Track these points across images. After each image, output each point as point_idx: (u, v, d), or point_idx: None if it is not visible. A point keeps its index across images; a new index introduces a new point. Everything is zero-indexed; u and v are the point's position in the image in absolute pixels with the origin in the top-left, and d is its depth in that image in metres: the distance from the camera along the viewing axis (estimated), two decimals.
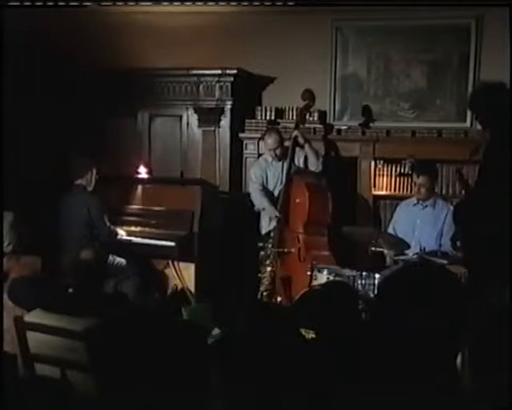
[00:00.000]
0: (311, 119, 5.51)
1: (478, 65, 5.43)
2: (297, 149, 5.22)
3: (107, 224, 4.97)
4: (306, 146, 5.19)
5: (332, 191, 5.07)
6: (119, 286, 4.94)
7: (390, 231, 4.96)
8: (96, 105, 5.66)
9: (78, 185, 4.95)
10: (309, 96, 5.19)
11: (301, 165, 5.23)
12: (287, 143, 5.21)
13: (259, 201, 5.23)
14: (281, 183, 5.17)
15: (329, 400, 1.64)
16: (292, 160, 5.15)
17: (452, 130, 5.41)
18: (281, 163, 5.21)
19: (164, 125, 5.81)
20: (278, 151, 5.18)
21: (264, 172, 5.29)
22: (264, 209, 5.21)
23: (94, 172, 4.96)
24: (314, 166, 5.18)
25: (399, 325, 1.51)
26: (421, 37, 5.53)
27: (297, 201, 5.04)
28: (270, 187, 5.28)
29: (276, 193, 5.22)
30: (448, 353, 1.54)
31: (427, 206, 4.86)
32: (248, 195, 5.42)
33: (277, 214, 5.03)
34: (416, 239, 4.74)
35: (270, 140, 5.18)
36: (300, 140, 5.17)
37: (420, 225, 4.83)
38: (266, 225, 5.21)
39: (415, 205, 4.92)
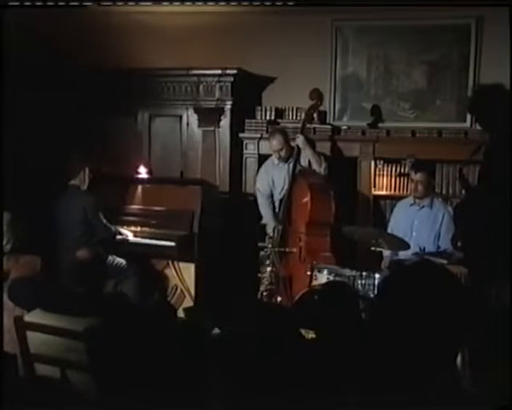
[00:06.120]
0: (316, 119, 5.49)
1: (478, 65, 5.43)
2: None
3: (104, 221, 4.96)
4: (310, 152, 5.09)
5: (335, 192, 5.05)
6: (119, 286, 4.95)
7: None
8: (95, 105, 5.66)
9: (73, 185, 4.95)
10: (317, 95, 5.15)
11: (307, 165, 5.17)
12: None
13: (264, 213, 5.28)
14: (288, 184, 5.09)
15: (329, 399, 1.64)
16: (297, 160, 5.09)
17: (452, 130, 5.41)
18: (287, 164, 5.13)
19: (164, 125, 5.81)
20: (283, 153, 5.12)
21: (270, 176, 5.27)
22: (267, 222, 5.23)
23: (86, 171, 4.95)
24: (317, 171, 5.10)
25: (399, 324, 1.51)
26: (421, 37, 5.53)
27: (299, 201, 5.00)
28: (277, 190, 5.25)
29: (282, 195, 5.17)
30: (448, 353, 1.54)
31: (424, 206, 4.83)
32: (248, 195, 5.39)
33: (278, 225, 5.01)
34: (413, 240, 4.71)
35: (275, 141, 5.14)
36: (301, 145, 5.07)
37: (417, 226, 4.80)
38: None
39: (411, 205, 4.89)
